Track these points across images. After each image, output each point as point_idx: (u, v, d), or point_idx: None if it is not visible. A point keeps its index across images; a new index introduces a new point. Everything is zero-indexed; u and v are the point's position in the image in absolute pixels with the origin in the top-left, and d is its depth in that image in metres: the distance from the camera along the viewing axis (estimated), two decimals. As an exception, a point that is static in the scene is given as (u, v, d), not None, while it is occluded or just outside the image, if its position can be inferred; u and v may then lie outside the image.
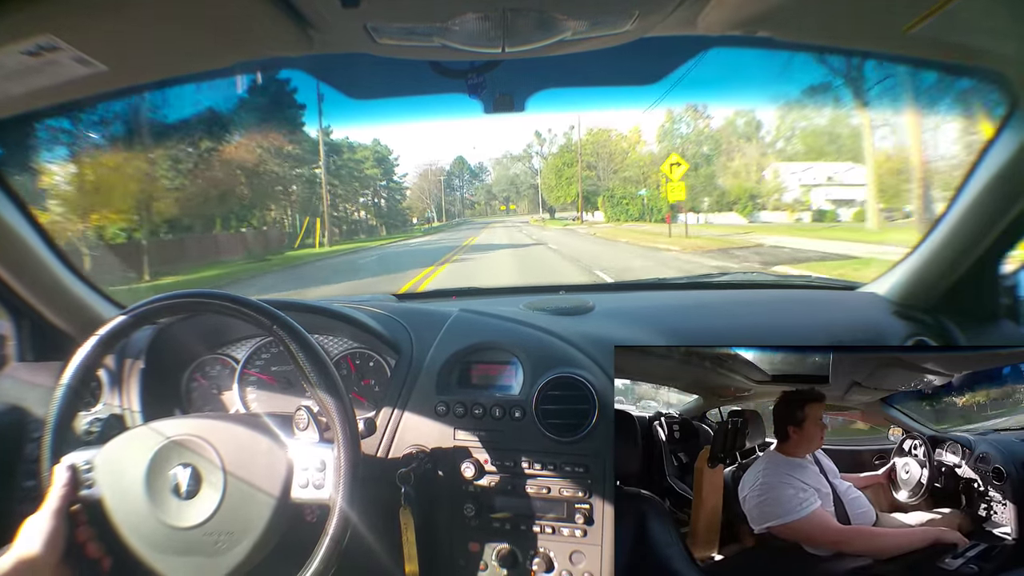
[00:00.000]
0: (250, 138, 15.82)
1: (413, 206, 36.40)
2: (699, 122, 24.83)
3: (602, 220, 24.32)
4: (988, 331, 1.08)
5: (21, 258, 0.96)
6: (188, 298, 0.74)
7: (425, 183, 40.23)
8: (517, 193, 39.84)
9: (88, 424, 0.95)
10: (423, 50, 0.80)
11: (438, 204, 40.98)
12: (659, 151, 25.79)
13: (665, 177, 14.81)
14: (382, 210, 29.31)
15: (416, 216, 35.45)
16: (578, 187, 28.22)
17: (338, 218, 24.05)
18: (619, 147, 28.41)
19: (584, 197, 27.94)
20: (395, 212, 30.72)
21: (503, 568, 0.88)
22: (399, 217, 30.84)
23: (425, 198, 40.15)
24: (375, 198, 28.95)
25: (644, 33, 0.79)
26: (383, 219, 28.74)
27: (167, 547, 0.67)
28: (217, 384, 1.10)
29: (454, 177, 45.26)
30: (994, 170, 0.90)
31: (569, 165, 29.96)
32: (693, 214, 19.39)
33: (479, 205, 44.87)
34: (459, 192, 45.67)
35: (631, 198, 23.77)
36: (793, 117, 19.66)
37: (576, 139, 29.63)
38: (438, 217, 39.90)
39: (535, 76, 0.96)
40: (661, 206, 20.57)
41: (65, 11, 0.58)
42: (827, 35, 0.81)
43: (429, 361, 0.96)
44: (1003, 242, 0.99)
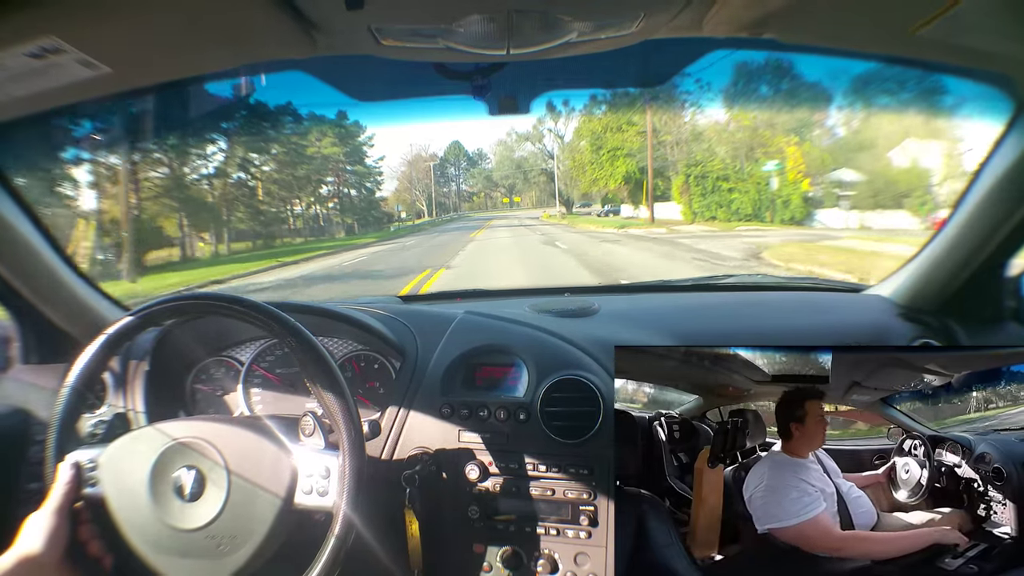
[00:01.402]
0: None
1: (401, 199, 30.83)
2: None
3: (679, 218, 14.79)
4: (993, 333, 1.09)
5: (25, 260, 0.96)
6: (193, 300, 0.74)
7: (415, 171, 33.18)
8: (525, 180, 31.90)
9: (92, 426, 0.95)
10: (427, 52, 0.79)
11: (429, 196, 34.02)
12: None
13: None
14: (351, 203, 23.02)
15: (406, 210, 29.94)
16: (647, 158, 16.39)
17: (267, 219, 18.09)
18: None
19: (633, 181, 17.33)
20: (369, 205, 23.93)
21: (507, 570, 0.89)
22: (371, 213, 23.97)
23: (414, 188, 33.24)
24: (341, 187, 22.62)
25: (650, 35, 0.79)
26: (354, 215, 22.86)
27: (169, 548, 0.67)
28: (221, 386, 1.10)
29: (448, 165, 37.30)
30: (1000, 172, 0.90)
31: (617, 130, 18.32)
32: (837, 211, 12.62)
33: (478, 197, 37.39)
34: (455, 182, 37.72)
35: (743, 179, 13.68)
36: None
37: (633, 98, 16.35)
38: (429, 211, 32.98)
39: (540, 78, 0.96)
40: (790, 197, 12.98)
41: (69, 13, 0.57)
42: (833, 37, 0.81)
43: (434, 363, 0.96)
44: (1009, 244, 0.99)
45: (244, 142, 16.62)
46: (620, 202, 18.90)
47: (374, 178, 24.12)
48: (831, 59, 1.06)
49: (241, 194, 17.67)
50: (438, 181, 35.67)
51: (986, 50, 0.76)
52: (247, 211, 17.72)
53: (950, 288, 1.07)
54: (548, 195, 29.15)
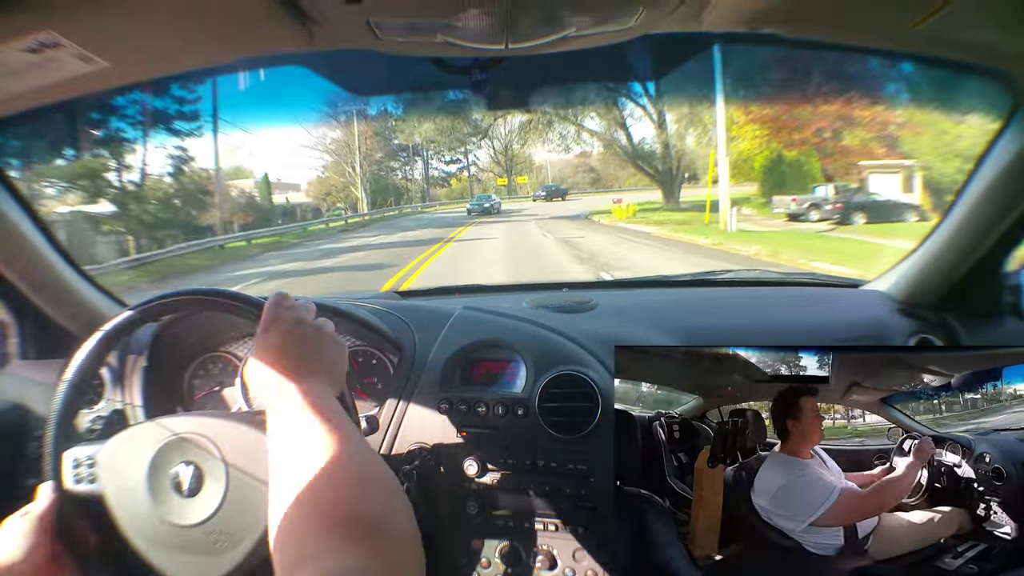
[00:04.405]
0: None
1: (327, 187, 21.60)
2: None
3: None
4: (992, 329, 1.08)
5: (23, 255, 0.96)
6: (193, 295, 0.74)
7: (361, 146, 22.10)
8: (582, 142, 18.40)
9: (91, 422, 0.95)
10: (426, 46, 0.79)
11: (378, 183, 23.39)
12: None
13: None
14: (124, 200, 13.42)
15: (330, 204, 20.87)
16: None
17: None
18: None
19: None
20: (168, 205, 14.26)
21: (506, 565, 0.89)
22: (175, 213, 14.35)
23: (351, 171, 22.38)
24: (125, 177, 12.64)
25: (648, 30, 0.78)
26: (144, 228, 13.42)
27: (166, 544, 0.67)
28: (219, 382, 1.10)
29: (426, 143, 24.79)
30: (999, 167, 0.90)
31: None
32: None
33: (456, 181, 24.39)
34: (421, 157, 24.87)
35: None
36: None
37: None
38: (375, 203, 22.21)
39: (539, 72, 0.95)
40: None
41: (66, 7, 0.57)
42: (833, 31, 0.81)
43: (432, 358, 0.96)
44: (1008, 239, 0.99)
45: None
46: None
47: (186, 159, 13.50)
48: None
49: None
50: (402, 161, 24.60)
51: (986, 45, 0.76)
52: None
53: (948, 283, 1.07)
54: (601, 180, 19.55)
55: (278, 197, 21.18)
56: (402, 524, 0.45)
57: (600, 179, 26.30)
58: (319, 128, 20.75)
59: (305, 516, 0.45)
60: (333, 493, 0.45)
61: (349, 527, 0.42)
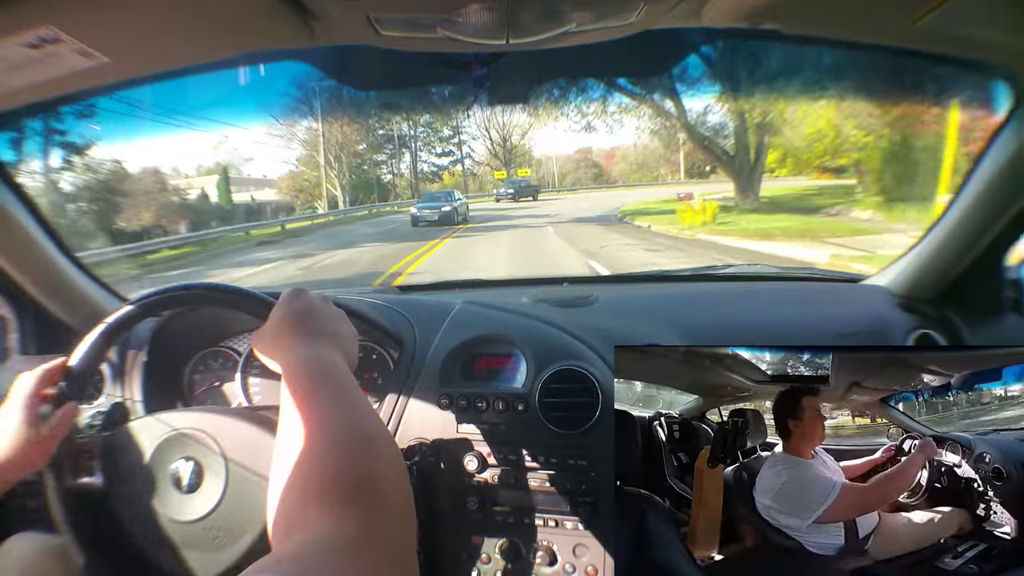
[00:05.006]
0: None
1: (299, 184, 18.56)
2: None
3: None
4: (992, 324, 1.08)
5: (24, 250, 0.96)
6: (193, 290, 0.74)
7: (337, 137, 19.29)
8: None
9: (90, 417, 0.95)
10: (426, 41, 0.79)
11: (360, 178, 20.36)
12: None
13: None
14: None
15: (302, 200, 18.15)
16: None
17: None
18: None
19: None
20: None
21: (506, 561, 0.89)
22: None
23: (325, 165, 19.22)
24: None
25: (649, 25, 0.78)
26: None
27: (165, 539, 0.67)
28: (219, 376, 1.10)
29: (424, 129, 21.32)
30: (999, 162, 0.90)
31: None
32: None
33: (449, 175, 20.93)
34: (410, 148, 21.36)
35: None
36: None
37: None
38: (356, 200, 19.39)
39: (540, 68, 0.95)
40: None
41: (67, 2, 0.57)
42: (834, 27, 0.80)
43: (432, 353, 0.96)
44: (1008, 235, 0.99)
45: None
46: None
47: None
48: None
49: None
50: (384, 152, 21.21)
51: (986, 41, 0.75)
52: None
53: (949, 278, 1.07)
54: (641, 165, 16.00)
55: (241, 195, 18.61)
56: (397, 493, 0.44)
57: (601, 175, 24.76)
58: (291, 116, 17.61)
59: (300, 479, 0.44)
60: (334, 459, 0.44)
61: (341, 492, 0.41)
